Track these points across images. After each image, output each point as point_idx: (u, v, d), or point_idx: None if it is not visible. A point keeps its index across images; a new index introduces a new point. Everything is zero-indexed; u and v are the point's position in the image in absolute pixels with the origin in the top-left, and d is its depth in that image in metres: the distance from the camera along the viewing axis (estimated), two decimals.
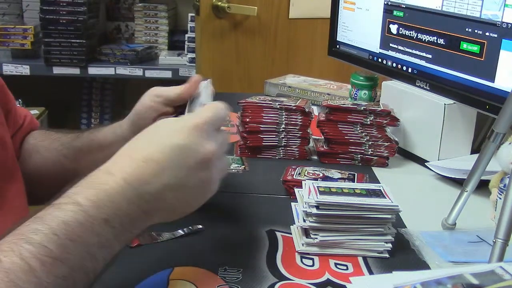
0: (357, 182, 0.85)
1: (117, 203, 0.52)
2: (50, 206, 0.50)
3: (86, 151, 0.83)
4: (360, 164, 1.01)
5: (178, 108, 0.78)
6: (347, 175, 0.87)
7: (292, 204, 0.79)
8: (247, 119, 1.01)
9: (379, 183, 0.88)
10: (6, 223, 0.73)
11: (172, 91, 0.78)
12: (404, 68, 1.09)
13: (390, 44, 1.12)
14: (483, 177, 0.73)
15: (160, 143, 0.56)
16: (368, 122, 0.99)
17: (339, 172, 0.88)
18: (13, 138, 0.85)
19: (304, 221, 0.70)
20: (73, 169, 0.84)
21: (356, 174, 0.88)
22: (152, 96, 0.79)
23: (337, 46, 1.31)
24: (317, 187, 0.71)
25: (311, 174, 0.87)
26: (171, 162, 0.55)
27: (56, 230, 0.48)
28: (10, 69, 2.31)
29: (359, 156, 1.01)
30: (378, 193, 0.70)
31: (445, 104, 0.98)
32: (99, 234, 0.50)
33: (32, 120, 0.93)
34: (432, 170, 0.96)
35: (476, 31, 0.91)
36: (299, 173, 0.87)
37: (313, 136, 1.06)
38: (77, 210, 0.50)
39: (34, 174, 0.86)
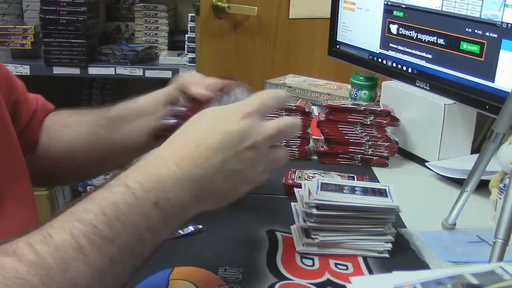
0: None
1: (168, 187, 0.52)
2: (101, 187, 0.51)
3: (124, 119, 0.82)
4: (360, 164, 1.01)
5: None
6: (346, 178, 0.87)
7: (292, 204, 0.79)
8: None
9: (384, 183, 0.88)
10: (14, 220, 0.73)
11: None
12: (404, 68, 1.09)
13: (390, 44, 1.12)
14: (483, 177, 0.73)
15: (211, 129, 0.56)
16: (368, 122, 0.99)
17: (339, 175, 0.88)
18: (30, 123, 0.84)
19: (304, 221, 0.70)
20: (108, 139, 0.83)
21: (355, 176, 0.88)
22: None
23: (337, 46, 1.31)
24: (321, 183, 0.71)
25: (311, 177, 0.87)
26: (222, 147, 0.55)
27: (106, 210, 0.48)
28: (10, 69, 2.29)
29: (359, 156, 1.01)
30: (382, 192, 0.70)
31: (445, 104, 0.98)
32: (148, 216, 0.50)
33: (45, 102, 0.91)
34: (432, 170, 0.96)
35: (476, 31, 0.91)
36: (299, 177, 0.87)
37: (313, 136, 1.06)
38: (126, 192, 0.50)
39: (68, 150, 0.85)
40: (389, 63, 1.14)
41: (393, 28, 1.11)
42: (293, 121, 0.61)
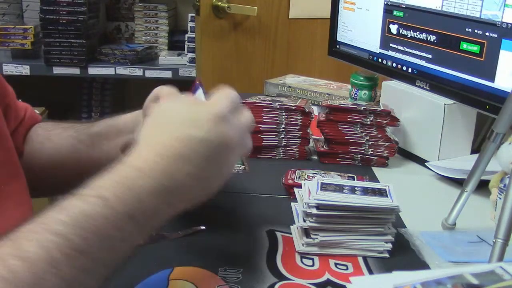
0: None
1: (143, 200, 0.52)
2: (73, 196, 0.50)
3: (104, 136, 0.82)
4: (360, 164, 1.01)
5: None
6: (346, 178, 0.87)
7: (292, 204, 0.79)
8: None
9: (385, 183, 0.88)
10: (9, 220, 0.73)
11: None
12: (404, 68, 1.09)
13: (390, 44, 1.13)
14: (483, 177, 0.73)
15: (187, 137, 0.55)
16: (368, 122, 0.99)
17: (339, 175, 0.88)
18: (16, 132, 0.85)
19: (304, 221, 0.70)
20: (88, 155, 0.83)
21: (355, 176, 0.88)
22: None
23: (337, 46, 1.31)
24: (321, 183, 0.71)
25: (311, 177, 0.87)
26: (199, 156, 0.55)
27: (82, 222, 0.48)
28: (10, 69, 2.32)
29: (359, 156, 1.01)
30: (382, 192, 0.70)
31: (445, 104, 0.98)
32: (123, 229, 0.50)
33: (33, 113, 0.92)
34: (432, 170, 0.96)
35: (476, 31, 0.91)
36: (299, 177, 0.87)
37: (313, 136, 1.06)
38: (103, 205, 0.49)
39: (47, 164, 0.85)
40: (389, 63, 1.14)
41: (393, 28, 1.11)
42: (249, 112, 0.62)
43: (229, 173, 0.59)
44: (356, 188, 0.71)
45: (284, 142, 1.02)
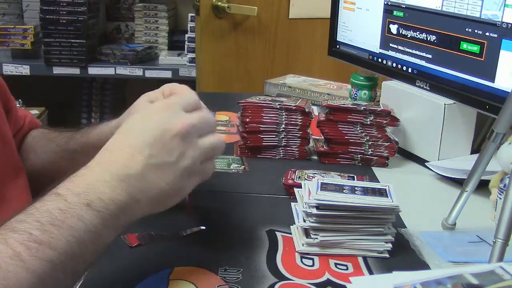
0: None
1: (98, 188, 0.53)
2: (34, 203, 0.52)
3: (82, 153, 0.83)
4: (360, 164, 1.01)
5: None
6: (346, 177, 0.87)
7: (292, 204, 0.79)
8: (247, 119, 1.01)
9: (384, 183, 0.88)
10: (11, 206, 0.73)
11: None
12: (404, 68, 1.09)
13: (390, 44, 1.12)
14: (483, 177, 0.73)
15: (130, 129, 0.58)
16: (368, 122, 0.99)
17: (339, 175, 0.88)
18: (14, 138, 0.86)
19: (304, 221, 0.70)
20: (72, 170, 0.84)
21: (355, 176, 0.88)
22: None
23: (337, 46, 1.31)
24: (321, 183, 0.71)
25: (311, 177, 0.87)
26: (145, 143, 0.56)
27: (39, 217, 0.49)
28: (10, 69, 2.32)
29: (359, 156, 1.01)
30: (382, 192, 0.70)
31: (445, 104, 0.98)
32: (83, 218, 0.51)
33: (32, 120, 0.93)
34: (432, 170, 0.96)
35: (476, 31, 0.91)
36: (299, 177, 0.87)
37: (313, 136, 1.06)
38: (58, 199, 0.51)
39: (32, 174, 0.86)
40: (389, 63, 1.14)
41: (393, 28, 1.11)
42: (209, 114, 0.63)
43: (191, 167, 0.59)
44: (356, 188, 0.71)
45: (284, 142, 1.02)
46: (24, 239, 0.47)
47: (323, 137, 1.04)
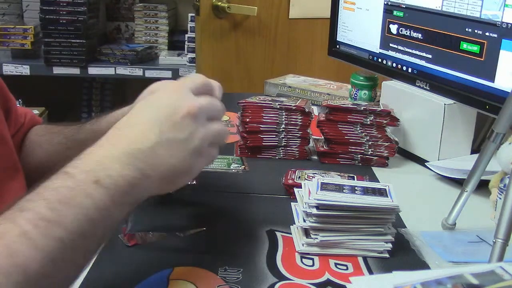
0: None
1: (106, 164, 0.53)
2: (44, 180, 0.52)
3: (93, 140, 0.83)
4: (360, 164, 1.01)
5: None
6: (347, 177, 0.87)
7: (292, 204, 0.79)
8: (247, 119, 1.01)
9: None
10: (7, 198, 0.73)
11: None
12: (404, 68, 1.09)
13: (390, 44, 1.13)
14: (483, 177, 0.73)
15: (145, 108, 0.59)
16: (368, 122, 0.99)
17: (339, 175, 0.88)
18: (15, 136, 0.85)
19: (304, 221, 0.70)
20: None
21: (355, 176, 0.88)
22: None
23: (337, 46, 1.31)
24: (321, 183, 0.71)
25: (311, 177, 0.87)
26: (156, 121, 0.56)
27: (47, 196, 0.49)
28: (10, 69, 2.32)
29: (359, 156, 1.01)
30: (382, 192, 0.70)
31: (445, 104, 0.98)
32: (92, 195, 0.51)
33: (33, 117, 0.92)
34: (432, 170, 0.96)
35: (476, 31, 0.91)
36: (299, 177, 0.87)
37: (313, 136, 1.06)
38: (66, 177, 0.51)
39: (39, 170, 0.85)
40: (389, 63, 1.14)
41: (393, 28, 1.11)
42: (217, 101, 0.64)
43: (206, 151, 0.59)
44: (356, 188, 0.71)
45: (284, 142, 1.02)
46: (32, 217, 0.47)
47: (323, 137, 1.04)
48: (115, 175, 0.52)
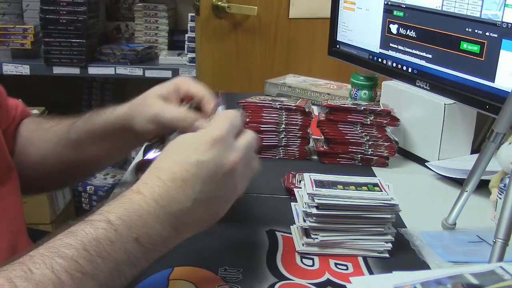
0: None
1: (148, 223, 0.53)
2: (83, 221, 0.52)
3: (87, 141, 0.83)
4: (360, 164, 1.01)
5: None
6: None
7: (292, 204, 0.79)
8: (247, 119, 1.01)
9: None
10: (1, 221, 0.73)
11: (177, 119, 0.74)
12: (404, 68, 1.09)
13: (390, 44, 1.12)
14: (483, 177, 0.73)
15: (184, 161, 0.56)
16: (368, 122, 0.99)
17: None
18: (7, 131, 0.84)
19: (304, 221, 0.70)
20: (75, 158, 0.84)
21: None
22: (152, 116, 0.76)
23: (337, 46, 1.31)
24: (314, 180, 0.71)
25: None
26: (197, 179, 0.55)
27: (88, 246, 0.49)
28: (10, 69, 2.31)
29: (359, 156, 1.01)
30: (374, 185, 0.70)
31: (445, 104, 0.98)
32: (129, 252, 0.51)
33: (24, 109, 0.91)
34: (432, 170, 0.96)
35: (476, 31, 0.91)
36: (300, 181, 0.87)
37: (313, 136, 1.06)
38: (109, 228, 0.51)
39: (33, 167, 0.85)
40: (389, 63, 1.14)
41: (393, 28, 1.11)
42: (253, 134, 0.62)
43: (235, 196, 0.60)
44: (349, 184, 0.70)
45: (284, 142, 1.02)
46: (70, 268, 0.47)
47: (323, 137, 1.04)
48: (154, 234, 0.53)
